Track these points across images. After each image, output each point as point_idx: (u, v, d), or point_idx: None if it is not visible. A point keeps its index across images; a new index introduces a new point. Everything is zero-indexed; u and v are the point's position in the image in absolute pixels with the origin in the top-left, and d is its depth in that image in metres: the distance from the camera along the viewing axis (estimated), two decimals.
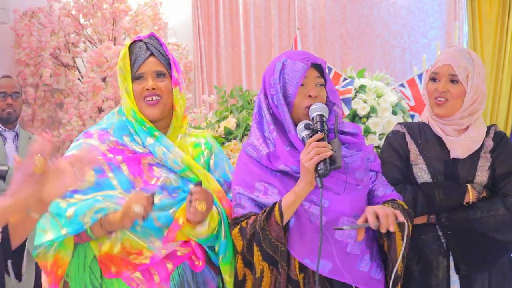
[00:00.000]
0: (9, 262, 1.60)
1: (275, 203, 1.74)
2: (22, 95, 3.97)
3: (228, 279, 1.88)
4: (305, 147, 1.68)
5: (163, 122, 1.97)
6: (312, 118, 1.76)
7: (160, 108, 1.92)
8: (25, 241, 1.66)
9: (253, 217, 1.78)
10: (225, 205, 1.92)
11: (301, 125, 1.77)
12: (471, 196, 1.98)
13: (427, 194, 1.98)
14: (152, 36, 1.98)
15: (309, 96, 1.81)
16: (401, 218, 1.70)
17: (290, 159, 1.77)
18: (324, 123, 1.73)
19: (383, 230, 1.68)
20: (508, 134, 5.81)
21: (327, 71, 1.95)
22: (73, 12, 5.20)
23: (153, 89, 1.89)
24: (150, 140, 1.91)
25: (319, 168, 1.63)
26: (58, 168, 1.43)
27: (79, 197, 1.80)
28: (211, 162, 2.02)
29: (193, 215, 1.75)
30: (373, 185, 1.90)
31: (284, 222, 1.71)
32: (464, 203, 1.99)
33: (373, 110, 3.39)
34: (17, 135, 3.79)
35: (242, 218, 1.80)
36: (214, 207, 1.86)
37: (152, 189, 1.81)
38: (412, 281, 2.00)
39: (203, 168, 1.97)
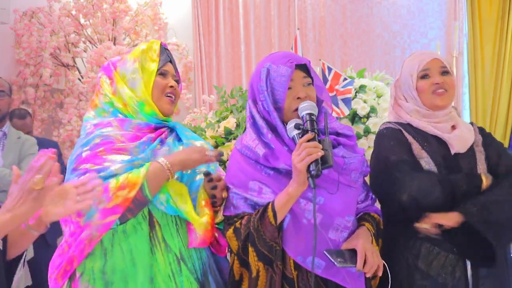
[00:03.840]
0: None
1: (268, 204, 1.75)
2: (10, 94, 3.87)
3: None
4: (296, 147, 1.67)
5: None
6: (302, 118, 1.75)
7: (173, 107, 2.00)
8: (23, 252, 1.66)
9: (246, 217, 1.77)
10: None
11: (290, 125, 1.77)
12: (484, 182, 2.01)
13: (451, 183, 1.99)
14: (165, 46, 2.05)
15: (298, 98, 1.81)
16: (380, 273, 1.77)
17: (290, 158, 1.76)
18: (314, 122, 1.72)
19: (368, 275, 1.75)
20: (508, 134, 5.81)
21: (324, 69, 1.96)
22: (73, 12, 5.20)
23: (174, 88, 1.97)
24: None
25: (311, 169, 1.62)
26: (61, 190, 1.43)
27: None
28: None
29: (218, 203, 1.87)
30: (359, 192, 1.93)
31: (278, 221, 1.72)
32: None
33: (373, 110, 3.39)
34: (5, 134, 3.75)
35: (235, 218, 1.80)
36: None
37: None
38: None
39: None
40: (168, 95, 1.95)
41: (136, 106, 1.91)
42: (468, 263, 1.99)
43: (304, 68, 1.85)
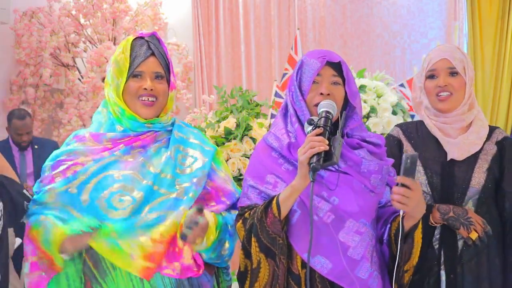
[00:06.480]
0: None
1: (274, 196, 1.74)
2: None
3: None
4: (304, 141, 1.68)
5: None
6: (319, 114, 1.74)
7: (155, 109, 1.89)
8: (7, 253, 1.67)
9: (255, 209, 1.78)
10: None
11: (306, 121, 1.78)
12: (431, 219, 1.98)
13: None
14: (153, 35, 1.92)
15: (321, 94, 1.79)
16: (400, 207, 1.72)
17: None
18: (329, 119, 1.71)
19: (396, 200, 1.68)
20: (508, 134, 5.81)
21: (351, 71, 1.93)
22: (73, 12, 5.20)
23: (151, 90, 1.85)
24: None
25: (310, 162, 1.62)
26: None
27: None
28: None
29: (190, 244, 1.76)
30: (385, 200, 1.89)
31: (282, 215, 1.71)
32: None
33: (373, 110, 3.39)
34: None
35: (246, 209, 1.81)
36: (211, 218, 1.82)
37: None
38: None
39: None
40: (143, 98, 1.85)
41: (118, 112, 1.87)
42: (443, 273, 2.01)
43: (337, 67, 1.82)
